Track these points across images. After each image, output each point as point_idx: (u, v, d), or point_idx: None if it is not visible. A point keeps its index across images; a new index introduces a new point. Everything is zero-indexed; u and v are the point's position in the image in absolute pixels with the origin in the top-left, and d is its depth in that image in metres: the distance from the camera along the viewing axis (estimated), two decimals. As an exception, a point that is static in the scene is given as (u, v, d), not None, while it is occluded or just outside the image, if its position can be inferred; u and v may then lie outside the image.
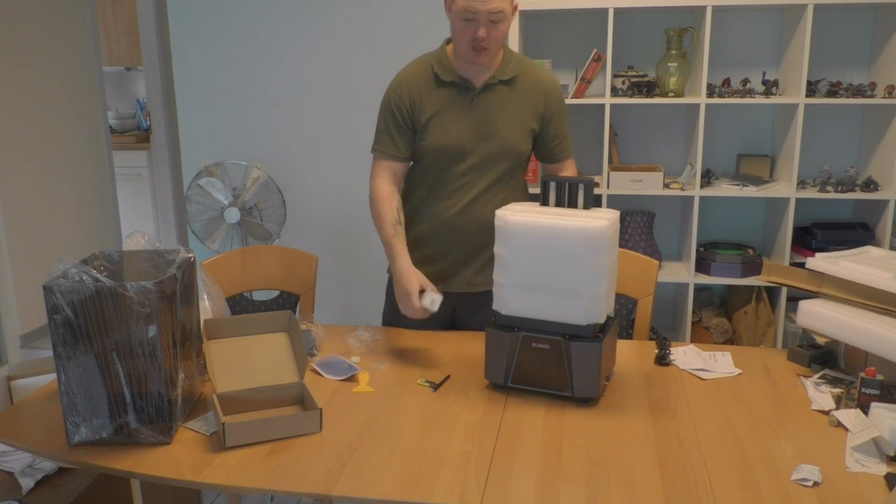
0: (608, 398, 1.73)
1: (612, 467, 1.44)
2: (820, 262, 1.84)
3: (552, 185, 1.76)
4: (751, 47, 3.13)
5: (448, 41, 2.09)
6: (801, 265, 1.92)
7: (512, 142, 2.05)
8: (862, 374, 1.62)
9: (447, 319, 2.21)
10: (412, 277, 1.98)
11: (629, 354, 1.98)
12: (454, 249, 2.12)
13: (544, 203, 1.78)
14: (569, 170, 2.21)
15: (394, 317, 2.17)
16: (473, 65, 1.99)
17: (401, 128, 2.07)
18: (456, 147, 2.03)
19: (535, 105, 2.06)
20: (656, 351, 1.95)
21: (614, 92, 3.04)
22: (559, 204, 1.77)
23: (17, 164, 3.29)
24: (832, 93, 2.95)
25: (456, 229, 2.10)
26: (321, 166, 3.58)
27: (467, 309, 2.18)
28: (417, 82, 2.06)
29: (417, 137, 2.08)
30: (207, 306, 1.98)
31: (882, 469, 1.42)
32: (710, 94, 2.96)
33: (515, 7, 1.98)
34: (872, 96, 2.90)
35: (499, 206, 2.05)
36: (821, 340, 1.95)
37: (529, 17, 3.19)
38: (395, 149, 2.09)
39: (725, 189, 3.01)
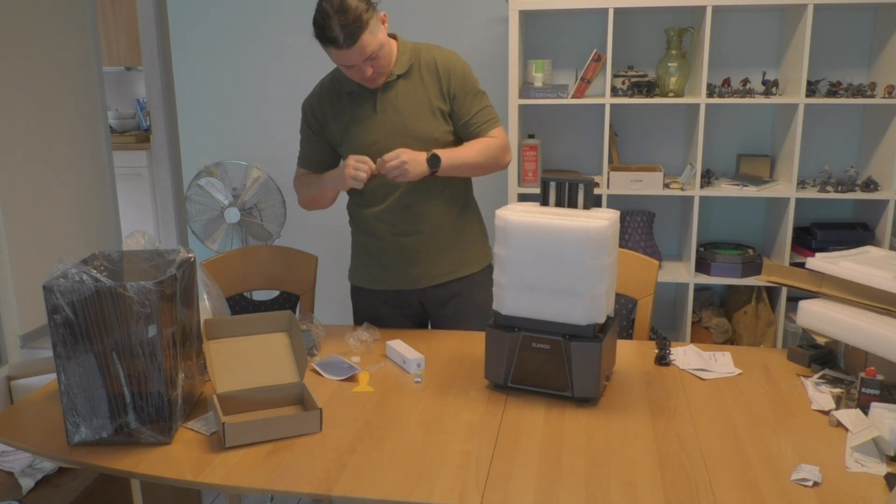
0: (608, 398, 1.73)
1: (612, 467, 1.44)
2: (820, 262, 1.84)
3: (552, 185, 1.76)
4: (751, 47, 3.13)
5: None
6: (801, 265, 1.92)
7: (426, 131, 2.02)
8: (862, 374, 1.62)
9: (419, 316, 2.26)
10: (349, 160, 1.97)
11: (629, 354, 1.98)
12: (403, 248, 2.12)
13: (544, 203, 1.78)
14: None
15: (363, 318, 2.24)
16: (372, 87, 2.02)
17: (316, 143, 2.15)
18: (372, 151, 2.00)
19: (437, 86, 2.04)
20: (656, 351, 1.95)
21: (614, 92, 3.04)
22: (559, 204, 1.77)
23: (18, 163, 3.29)
24: (832, 93, 2.95)
25: (397, 229, 2.10)
26: (321, 166, 3.58)
27: (434, 303, 2.21)
28: (320, 99, 2.10)
29: (338, 150, 2.13)
30: (207, 306, 1.98)
31: (882, 469, 1.42)
32: (710, 94, 2.96)
33: (383, 19, 1.95)
34: (872, 96, 2.90)
35: (437, 195, 2.08)
36: (821, 340, 1.95)
37: (529, 17, 3.19)
38: (315, 162, 2.18)
39: (725, 189, 3.01)
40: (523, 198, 3.06)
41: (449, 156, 1.98)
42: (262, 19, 3.47)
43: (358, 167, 1.94)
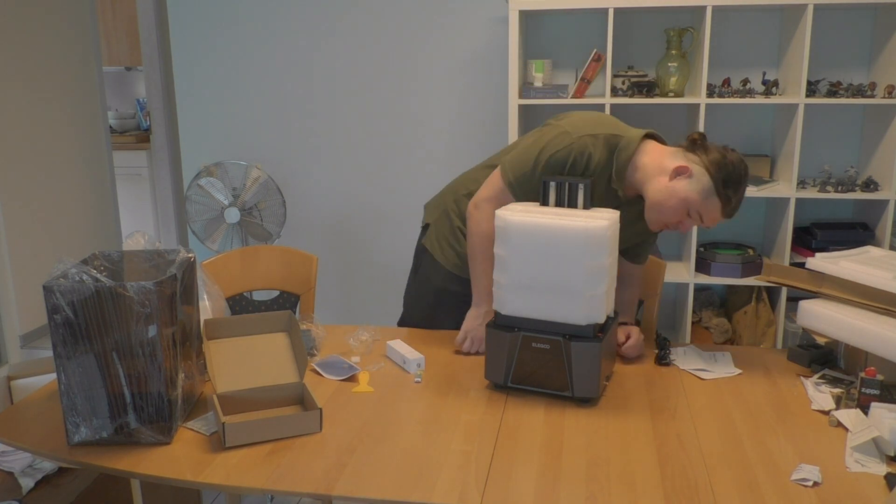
0: (608, 398, 1.73)
1: (612, 467, 1.44)
2: (820, 262, 1.84)
3: (552, 185, 1.76)
4: (751, 47, 3.13)
5: (644, 141, 1.84)
6: (801, 265, 1.92)
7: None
8: (862, 374, 1.62)
9: None
10: (481, 343, 1.96)
11: (629, 354, 1.98)
12: None
13: (544, 203, 1.78)
14: None
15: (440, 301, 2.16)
16: (658, 221, 1.84)
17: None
18: None
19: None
20: (656, 351, 1.95)
21: (614, 92, 3.04)
22: (559, 204, 1.77)
23: (17, 164, 3.29)
24: (832, 93, 2.95)
25: None
26: (321, 166, 3.58)
27: None
28: (594, 167, 1.84)
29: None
30: (207, 306, 1.98)
31: (882, 469, 1.42)
32: (710, 94, 2.96)
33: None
34: (872, 96, 2.90)
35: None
36: (821, 340, 1.95)
37: (529, 17, 3.19)
38: (526, 194, 1.89)
39: (725, 189, 3.00)
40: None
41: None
42: (262, 19, 3.47)
43: (471, 351, 1.98)
